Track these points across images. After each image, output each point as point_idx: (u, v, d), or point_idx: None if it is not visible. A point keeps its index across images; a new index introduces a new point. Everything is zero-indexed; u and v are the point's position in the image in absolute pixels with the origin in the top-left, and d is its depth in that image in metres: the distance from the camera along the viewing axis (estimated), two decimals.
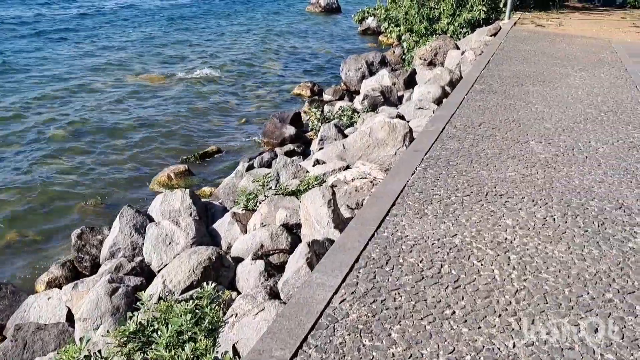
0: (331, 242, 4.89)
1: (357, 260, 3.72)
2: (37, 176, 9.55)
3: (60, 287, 6.78)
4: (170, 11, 24.75)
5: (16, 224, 8.17)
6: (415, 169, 5.52)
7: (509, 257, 3.96)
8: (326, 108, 13.09)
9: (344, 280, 3.48)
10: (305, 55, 19.17)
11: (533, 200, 4.93)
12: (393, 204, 4.64)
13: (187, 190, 7.34)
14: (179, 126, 12.32)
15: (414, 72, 13.83)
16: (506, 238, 4.23)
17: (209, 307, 4.36)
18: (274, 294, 4.53)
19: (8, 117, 12.08)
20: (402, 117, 9.35)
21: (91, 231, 7.29)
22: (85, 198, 9.02)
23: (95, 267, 6.96)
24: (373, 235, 4.09)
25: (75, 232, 7.21)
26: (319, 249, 4.65)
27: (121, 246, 6.78)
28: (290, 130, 11.45)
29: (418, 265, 3.74)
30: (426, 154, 5.98)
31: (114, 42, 19.37)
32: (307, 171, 8.11)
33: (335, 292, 3.34)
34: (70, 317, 5.61)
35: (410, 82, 13.45)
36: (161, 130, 12.00)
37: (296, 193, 6.80)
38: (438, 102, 10.45)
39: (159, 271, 6.13)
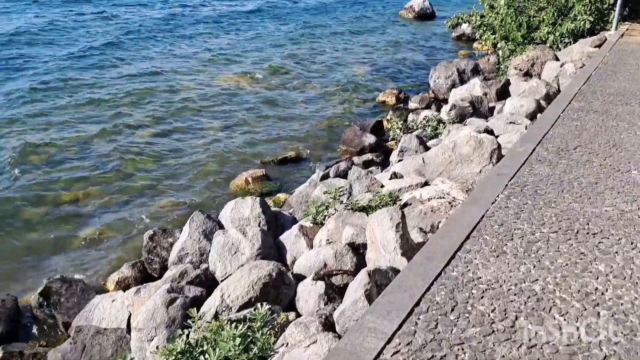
0: (396, 272, 4.51)
1: (417, 304, 3.33)
2: (118, 173, 9.84)
3: (128, 287, 6.85)
4: (253, 13, 25.03)
5: (96, 219, 8.42)
6: (497, 196, 5.00)
7: (599, 313, 3.41)
8: (410, 117, 12.61)
9: (400, 326, 3.11)
10: (394, 60, 18.69)
11: (632, 243, 4.29)
12: (467, 237, 4.19)
13: (258, 198, 7.20)
14: (260, 129, 12.33)
15: (507, 83, 13.02)
16: (597, 288, 3.67)
17: (260, 331, 4.13)
18: (328, 325, 4.22)
19: (97, 113, 12.57)
20: (490, 132, 8.73)
21: (163, 233, 7.33)
22: (165, 197, 9.15)
23: (164, 269, 6.99)
24: (440, 274, 3.67)
25: (147, 233, 7.29)
26: (381, 280, 4.30)
27: (189, 251, 6.75)
28: (370, 139, 11.10)
29: (489, 315, 3.29)
30: (511, 179, 5.43)
31: (200, 42, 19.82)
32: (382, 185, 7.73)
33: (389, 342, 2.98)
34: (130, 323, 5.59)
35: (503, 93, 12.67)
36: (243, 132, 12.05)
37: (367, 209, 6.46)
38: (531, 117, 9.72)
39: (222, 281, 6.02)
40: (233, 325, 4.11)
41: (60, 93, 13.64)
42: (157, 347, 4.37)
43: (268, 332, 4.15)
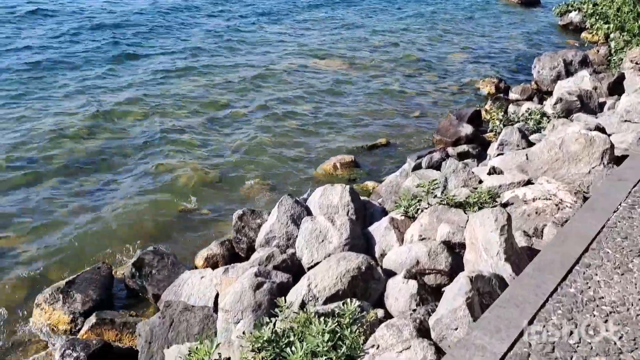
0: (500, 279, 4.16)
1: (531, 322, 3.00)
2: (211, 152, 9.97)
3: (217, 265, 6.92)
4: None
5: (190, 195, 8.53)
6: (620, 204, 4.49)
7: None
8: (511, 108, 11.92)
9: (511, 347, 2.79)
10: (495, 48, 17.78)
11: None
12: (586, 249, 3.75)
13: (347, 186, 7.00)
14: (352, 113, 12.11)
15: (621, 77, 11.97)
16: None
17: (349, 328, 3.95)
18: (423, 330, 3.95)
19: (201, 96, 12.77)
20: (601, 130, 8.02)
21: (252, 214, 7.32)
22: (253, 177, 9.17)
23: (251, 250, 6.99)
24: (555, 289, 3.29)
25: (236, 213, 7.30)
26: (483, 287, 3.96)
27: (276, 235, 6.68)
28: (467, 129, 10.59)
29: (615, 343, 2.90)
30: (635, 185, 4.88)
31: (299, 24, 19.74)
32: (480, 180, 7.30)
33: None
34: (217, 301, 5.59)
35: (616, 89, 11.68)
36: (334, 116, 11.87)
37: (464, 205, 6.08)
38: None
39: (308, 268, 5.90)
40: (322, 319, 3.96)
41: (182, 73, 13.96)
42: (243, 332, 4.30)
43: (357, 330, 3.97)
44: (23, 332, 5.96)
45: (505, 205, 6.12)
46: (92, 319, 5.87)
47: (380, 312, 4.79)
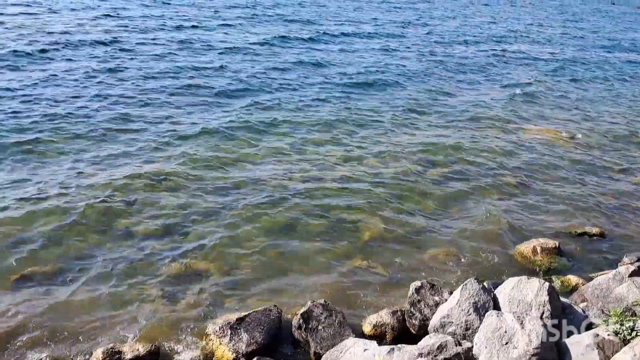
0: None
1: None
2: (402, 208, 9.62)
3: (384, 335, 6.52)
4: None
5: (368, 252, 8.24)
6: None
7: None
8: None
9: None
10: None
11: None
12: None
13: (547, 284, 6.08)
14: (562, 191, 10.87)
15: None
16: None
17: None
18: None
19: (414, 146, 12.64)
20: None
21: (431, 288, 6.79)
22: (439, 245, 8.57)
23: (422, 328, 6.44)
24: None
25: (414, 284, 6.84)
26: None
27: (454, 321, 6.06)
28: None
29: None
30: None
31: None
32: None
33: None
34: None
35: None
36: (540, 193, 10.75)
37: None
38: None
39: None
40: None
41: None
42: None
43: None
44: (190, 357, 6.13)
45: None
46: None
47: None
